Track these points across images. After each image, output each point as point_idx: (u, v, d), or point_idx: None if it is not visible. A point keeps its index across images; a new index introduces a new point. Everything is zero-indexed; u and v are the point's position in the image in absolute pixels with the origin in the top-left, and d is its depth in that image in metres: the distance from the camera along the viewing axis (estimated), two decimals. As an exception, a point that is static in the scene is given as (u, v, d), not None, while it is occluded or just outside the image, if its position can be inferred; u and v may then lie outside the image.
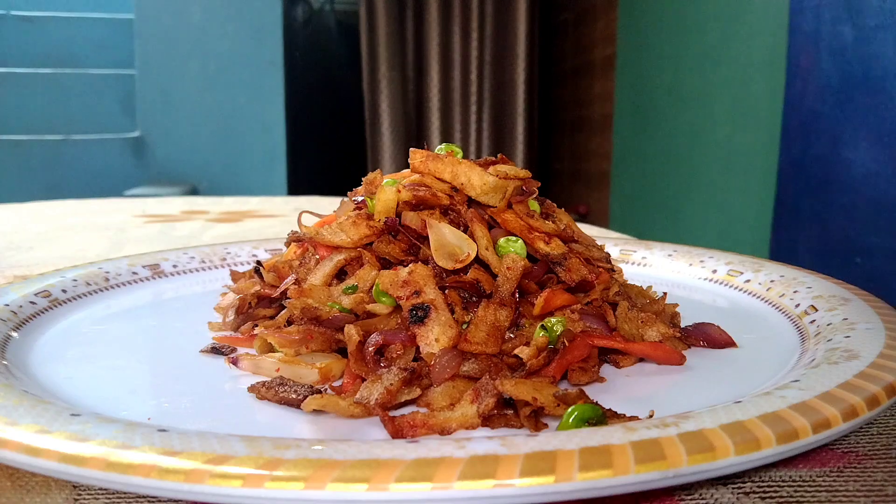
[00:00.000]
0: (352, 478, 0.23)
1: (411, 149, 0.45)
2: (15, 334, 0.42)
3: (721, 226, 2.14)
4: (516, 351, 0.36)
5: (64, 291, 0.50)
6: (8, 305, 0.45)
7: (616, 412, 0.31)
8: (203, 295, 0.55)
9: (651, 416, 0.31)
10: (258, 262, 0.50)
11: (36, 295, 0.48)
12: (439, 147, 0.46)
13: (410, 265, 0.39)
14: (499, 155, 0.47)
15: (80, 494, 0.28)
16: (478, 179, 0.42)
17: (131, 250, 0.79)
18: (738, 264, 0.56)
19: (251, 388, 0.35)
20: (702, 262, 0.58)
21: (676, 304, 0.46)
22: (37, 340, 0.43)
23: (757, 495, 0.27)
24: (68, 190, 2.71)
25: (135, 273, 0.57)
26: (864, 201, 1.53)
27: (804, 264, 0.55)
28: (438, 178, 0.43)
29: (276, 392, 0.34)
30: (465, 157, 0.45)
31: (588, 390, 0.34)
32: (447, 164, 0.43)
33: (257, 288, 0.47)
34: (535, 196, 0.46)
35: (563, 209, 0.48)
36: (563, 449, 0.24)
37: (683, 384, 0.37)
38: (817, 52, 1.53)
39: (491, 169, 0.44)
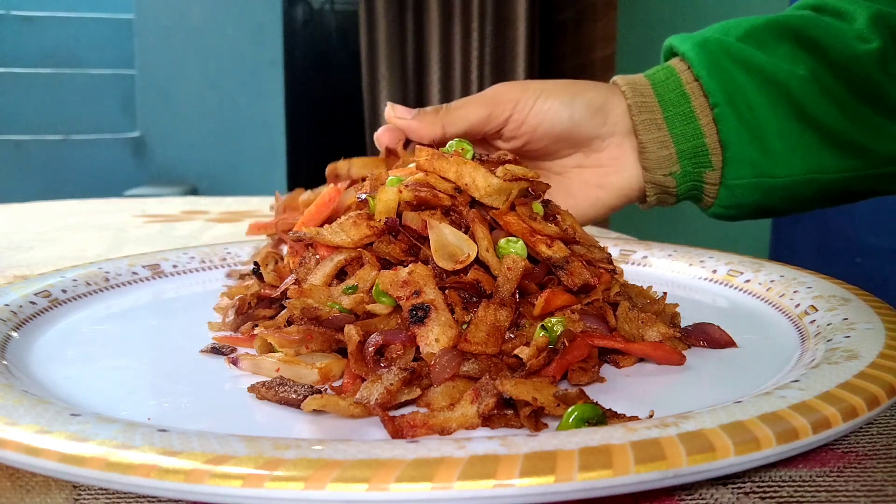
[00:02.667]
0: (352, 478, 0.23)
1: (417, 146, 0.45)
2: (15, 334, 0.42)
3: (721, 226, 2.14)
4: (516, 351, 0.36)
5: (64, 291, 0.50)
6: (8, 305, 0.45)
7: (616, 412, 0.31)
8: (203, 295, 0.55)
9: (651, 416, 0.31)
10: (256, 264, 0.50)
11: (36, 295, 0.48)
12: (450, 143, 0.46)
13: (410, 265, 0.39)
14: (510, 154, 0.47)
15: (80, 494, 0.28)
16: (482, 180, 0.42)
17: (131, 250, 0.79)
18: (738, 264, 0.56)
19: (251, 388, 0.35)
20: (702, 262, 0.58)
21: (676, 304, 0.46)
22: (37, 340, 0.43)
23: (757, 495, 0.27)
24: (68, 190, 2.71)
25: (135, 273, 0.57)
26: (863, 201, 1.53)
27: (804, 264, 0.55)
28: (443, 178, 0.43)
29: (276, 392, 0.34)
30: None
31: (588, 390, 0.34)
32: (452, 164, 0.43)
33: (256, 288, 0.47)
34: (540, 198, 0.46)
35: (567, 210, 0.48)
36: (563, 449, 0.24)
37: (683, 384, 0.37)
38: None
39: (500, 169, 0.43)
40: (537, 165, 0.64)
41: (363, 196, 0.46)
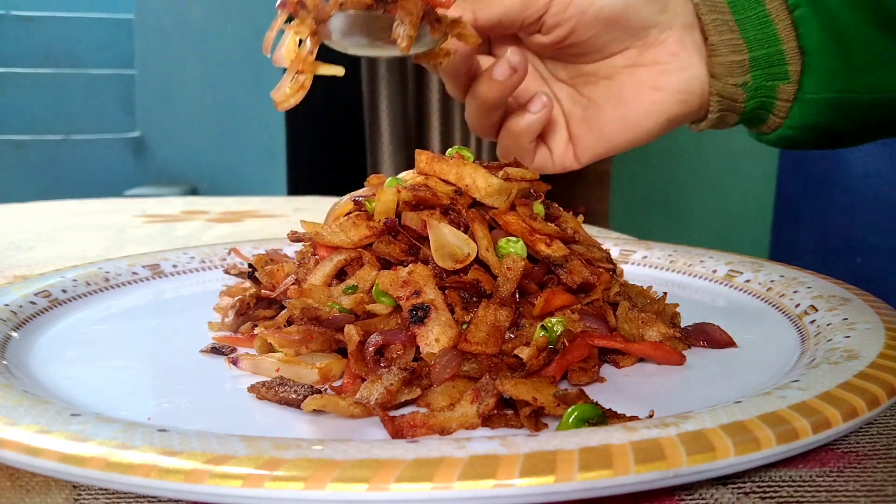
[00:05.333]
0: (352, 478, 0.23)
1: (417, 150, 0.45)
2: (15, 334, 0.42)
3: (721, 226, 2.14)
4: (516, 351, 0.36)
5: (64, 291, 0.50)
6: (8, 305, 0.45)
7: (616, 412, 0.31)
8: (203, 295, 0.55)
9: (651, 416, 0.31)
10: (250, 266, 0.50)
11: (36, 295, 0.48)
12: (449, 150, 0.46)
13: (410, 265, 0.39)
14: (512, 158, 0.47)
15: (80, 494, 0.28)
16: (483, 181, 0.42)
17: (131, 250, 0.79)
18: (738, 264, 0.56)
19: (251, 388, 0.35)
20: (702, 262, 0.58)
21: (676, 304, 0.46)
22: (37, 340, 0.43)
23: (757, 495, 0.27)
24: (68, 190, 2.70)
25: (135, 273, 0.57)
26: (864, 201, 1.53)
27: (804, 264, 0.55)
28: (443, 180, 0.43)
29: (276, 392, 0.34)
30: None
31: (588, 390, 0.34)
32: (452, 166, 0.43)
33: (255, 289, 0.47)
34: (541, 199, 0.46)
35: (570, 212, 0.48)
36: (563, 449, 0.24)
37: (683, 384, 0.37)
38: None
39: (501, 172, 0.44)
40: (580, 71, 0.55)
41: (360, 197, 0.46)
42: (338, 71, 0.41)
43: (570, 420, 0.30)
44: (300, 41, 0.44)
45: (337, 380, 0.37)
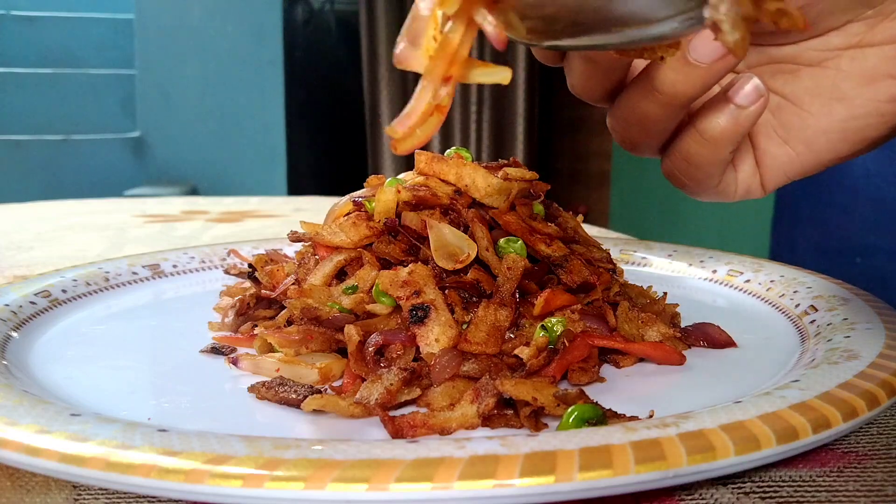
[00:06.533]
0: (352, 478, 0.23)
1: (416, 151, 0.45)
2: (15, 334, 0.42)
3: (721, 226, 2.14)
4: (516, 351, 0.36)
5: (64, 291, 0.50)
6: (8, 305, 0.45)
7: (616, 412, 0.31)
8: (203, 295, 0.55)
9: (651, 416, 0.31)
10: (250, 266, 0.50)
11: (36, 295, 0.48)
12: (448, 150, 0.46)
13: (410, 265, 0.39)
14: (511, 158, 0.47)
15: (80, 494, 0.28)
16: (482, 181, 0.42)
17: (131, 250, 0.79)
18: (738, 264, 0.56)
19: (251, 388, 0.35)
20: (702, 262, 0.58)
21: (676, 304, 0.46)
22: (37, 340, 0.43)
23: (757, 495, 0.27)
24: (68, 190, 2.71)
25: (135, 273, 0.57)
26: (864, 201, 1.53)
27: (804, 264, 0.55)
28: (443, 180, 0.43)
29: (276, 392, 0.34)
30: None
31: (588, 390, 0.34)
32: (452, 166, 0.43)
33: (255, 289, 0.47)
34: (541, 199, 0.46)
35: (570, 212, 0.48)
36: (563, 449, 0.24)
37: (683, 384, 0.37)
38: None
39: (501, 172, 0.44)
40: (770, 56, 0.37)
41: (359, 198, 0.46)
42: (504, 75, 0.26)
43: (570, 420, 0.30)
44: (443, 25, 0.26)
45: (337, 380, 0.37)
